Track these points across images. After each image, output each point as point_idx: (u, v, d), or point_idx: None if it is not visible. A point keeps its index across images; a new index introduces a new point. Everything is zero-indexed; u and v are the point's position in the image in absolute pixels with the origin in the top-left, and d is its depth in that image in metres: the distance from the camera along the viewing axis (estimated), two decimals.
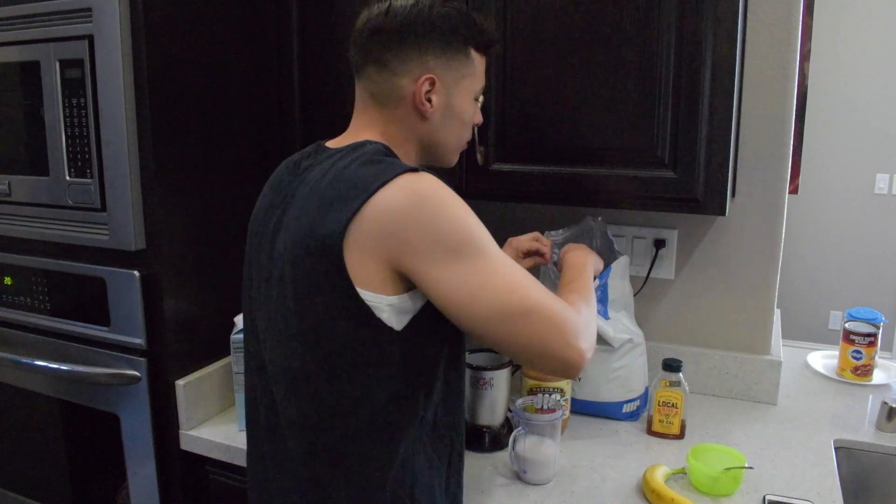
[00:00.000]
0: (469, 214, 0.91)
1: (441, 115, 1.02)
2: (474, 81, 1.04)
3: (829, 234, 4.54)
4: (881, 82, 4.26)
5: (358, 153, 0.94)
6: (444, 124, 1.03)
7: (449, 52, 0.99)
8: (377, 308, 0.88)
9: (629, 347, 1.44)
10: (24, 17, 1.35)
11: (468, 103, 1.05)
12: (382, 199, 0.86)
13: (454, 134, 1.06)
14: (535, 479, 1.22)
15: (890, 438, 1.39)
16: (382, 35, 0.98)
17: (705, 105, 1.21)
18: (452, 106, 1.02)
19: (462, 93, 1.03)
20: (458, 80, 1.01)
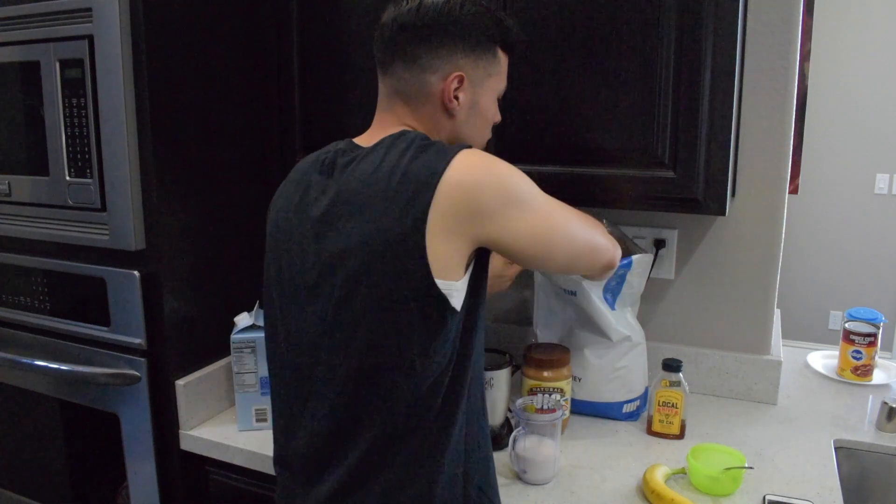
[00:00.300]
0: (522, 174, 0.96)
1: (467, 112, 1.03)
2: (499, 80, 1.06)
3: (829, 234, 4.54)
4: (881, 82, 4.26)
5: (405, 142, 0.93)
6: (468, 122, 1.04)
7: (478, 50, 1.00)
8: (449, 295, 0.89)
9: (629, 346, 1.44)
10: (24, 17, 1.35)
11: (492, 102, 1.06)
12: (452, 180, 0.88)
13: (478, 132, 1.07)
14: (535, 479, 1.22)
15: (890, 438, 1.39)
16: (412, 31, 0.98)
17: (705, 105, 1.21)
18: (478, 104, 1.03)
19: (487, 91, 1.04)
20: (484, 79, 1.03)
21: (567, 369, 1.38)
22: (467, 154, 0.91)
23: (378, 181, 0.90)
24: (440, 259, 0.87)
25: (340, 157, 0.98)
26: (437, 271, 0.87)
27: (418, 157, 0.90)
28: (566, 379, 1.38)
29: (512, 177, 0.93)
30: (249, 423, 1.42)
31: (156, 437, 1.42)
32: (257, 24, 1.52)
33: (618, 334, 1.42)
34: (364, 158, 0.94)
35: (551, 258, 1.01)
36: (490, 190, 0.90)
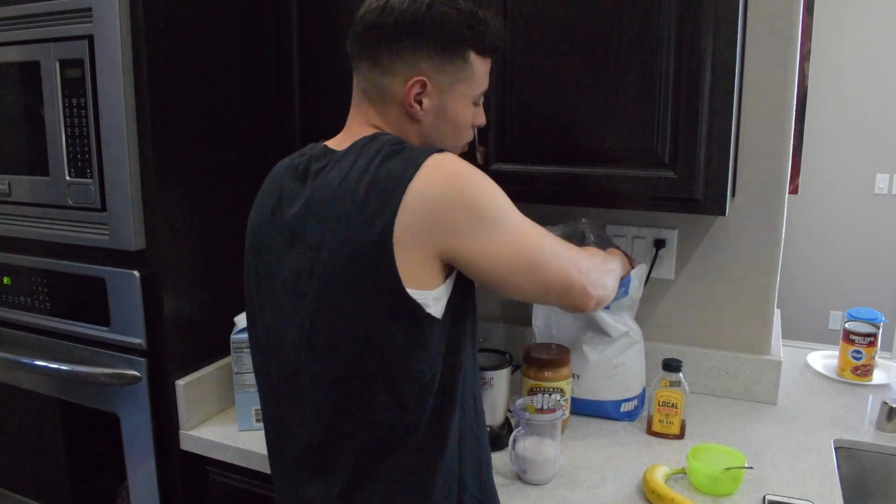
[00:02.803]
0: (494, 186, 0.92)
1: (433, 118, 0.99)
2: (472, 86, 1.00)
3: (829, 234, 4.54)
4: (881, 82, 4.26)
5: (375, 147, 0.91)
6: (436, 127, 1.00)
7: (445, 54, 0.95)
8: (425, 304, 0.87)
9: (627, 342, 1.44)
10: (24, 17, 1.35)
11: (463, 107, 1.01)
12: (419, 188, 0.85)
13: (448, 137, 1.03)
14: (535, 479, 1.22)
15: (890, 438, 1.39)
16: (377, 31, 0.94)
17: (705, 105, 1.21)
18: (445, 110, 0.99)
19: (457, 97, 0.99)
20: (452, 84, 0.98)
21: (567, 369, 1.38)
22: (437, 161, 0.88)
23: (347, 189, 0.88)
24: (410, 268, 0.86)
25: (314, 163, 0.96)
26: (409, 280, 0.86)
27: (386, 163, 0.88)
28: (566, 379, 1.38)
29: (483, 192, 0.89)
30: (249, 423, 1.42)
31: (156, 437, 1.42)
32: (257, 24, 1.52)
33: (616, 330, 1.42)
34: (335, 165, 0.92)
35: (516, 286, 0.96)
36: (454, 204, 0.86)
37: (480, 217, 0.88)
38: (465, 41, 0.96)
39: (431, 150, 0.90)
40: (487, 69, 1.02)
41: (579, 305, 1.04)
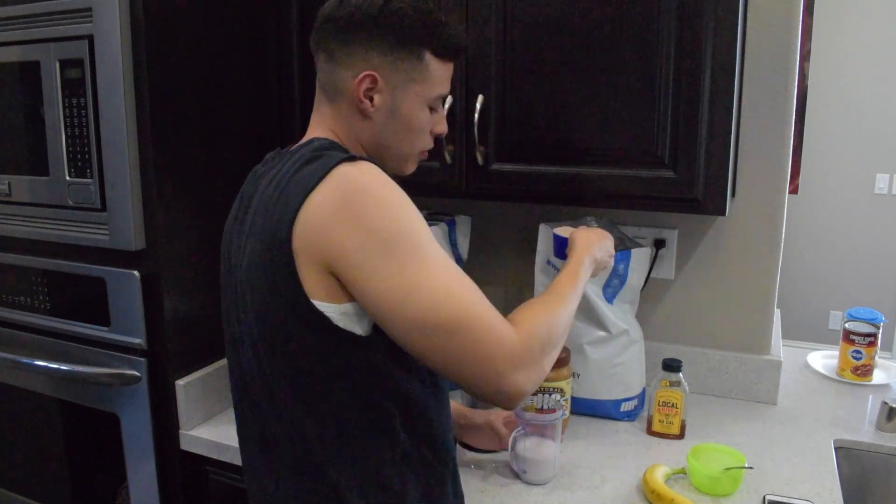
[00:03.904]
0: (406, 207, 0.85)
1: (385, 116, 0.96)
2: (427, 87, 0.96)
3: (829, 234, 4.54)
4: (881, 82, 4.26)
5: (301, 152, 0.90)
6: (388, 128, 0.97)
7: (397, 51, 0.93)
8: (333, 318, 0.84)
9: (627, 341, 1.44)
10: (24, 17, 1.35)
11: (418, 109, 0.97)
12: (317, 199, 0.82)
13: (402, 140, 0.98)
14: (535, 479, 1.22)
15: (890, 438, 1.39)
16: (333, 23, 0.94)
17: (705, 105, 1.21)
18: (398, 109, 0.95)
19: (410, 97, 0.95)
20: (405, 83, 0.94)
21: (567, 369, 1.38)
22: (344, 171, 0.83)
23: (266, 196, 0.88)
24: (313, 280, 0.83)
25: (262, 166, 0.99)
26: (313, 292, 0.83)
27: (300, 170, 0.86)
28: (566, 379, 1.38)
29: (385, 213, 0.82)
30: None
31: (156, 437, 1.42)
32: (257, 24, 1.52)
33: (616, 327, 1.42)
34: (269, 171, 0.93)
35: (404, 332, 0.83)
36: (346, 222, 0.81)
37: (371, 238, 0.81)
38: (420, 40, 0.93)
39: (348, 157, 0.85)
40: (448, 73, 0.99)
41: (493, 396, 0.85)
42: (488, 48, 1.32)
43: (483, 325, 0.83)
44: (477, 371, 0.83)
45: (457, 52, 0.98)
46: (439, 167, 1.40)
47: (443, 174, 1.40)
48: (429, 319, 0.81)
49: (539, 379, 0.88)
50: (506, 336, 0.84)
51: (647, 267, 1.48)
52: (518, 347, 0.84)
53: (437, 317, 0.81)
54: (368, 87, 0.93)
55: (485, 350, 0.82)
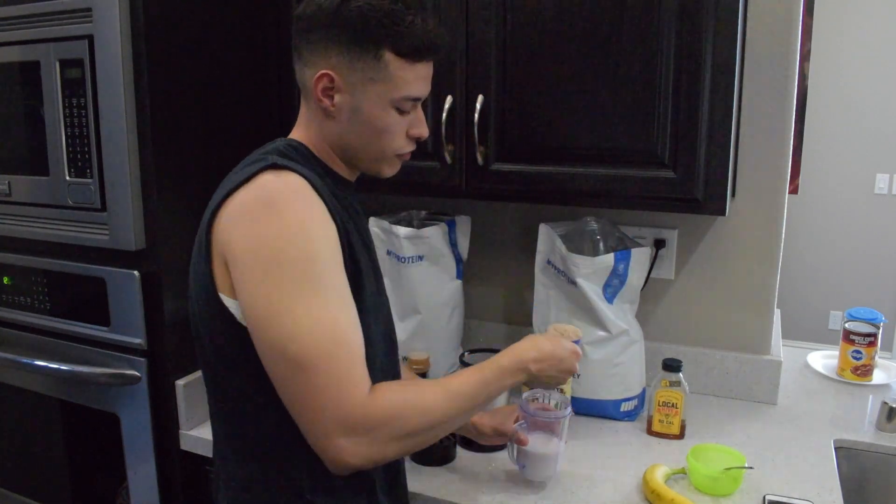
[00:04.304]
0: (311, 233, 0.83)
1: (348, 117, 0.95)
2: (390, 88, 0.93)
3: (829, 234, 4.54)
4: (881, 82, 4.26)
5: (255, 153, 0.94)
6: (352, 128, 0.95)
7: (355, 50, 0.91)
8: (234, 313, 0.87)
9: (627, 341, 1.44)
10: (24, 17, 1.35)
11: (380, 110, 0.94)
12: (235, 199, 0.85)
13: (368, 141, 0.96)
14: (534, 475, 1.21)
15: (890, 438, 1.39)
16: (299, 22, 0.95)
17: (705, 105, 1.21)
18: (360, 110, 0.94)
19: (371, 98, 0.93)
20: (364, 83, 0.92)
21: None
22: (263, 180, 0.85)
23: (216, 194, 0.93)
24: (220, 274, 0.87)
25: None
26: (221, 286, 0.87)
27: (241, 170, 0.90)
28: None
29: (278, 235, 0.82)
30: None
31: (156, 437, 1.42)
32: (257, 24, 1.52)
33: (616, 327, 1.42)
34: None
35: (260, 351, 0.84)
36: (243, 231, 0.83)
37: (260, 254, 0.82)
38: (377, 39, 0.90)
39: (278, 163, 0.86)
40: (417, 74, 0.95)
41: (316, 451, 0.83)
42: (488, 48, 1.32)
43: (330, 375, 0.80)
44: (309, 418, 0.82)
45: (421, 52, 0.93)
46: (439, 167, 1.40)
47: (443, 174, 1.40)
48: (281, 348, 0.81)
49: (375, 459, 0.83)
50: (350, 397, 0.81)
51: (647, 267, 1.48)
52: (358, 415, 0.81)
53: (288, 349, 0.80)
54: (327, 87, 0.93)
55: (321, 401, 0.80)
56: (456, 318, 1.62)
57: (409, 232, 1.52)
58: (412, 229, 1.53)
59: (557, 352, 1.05)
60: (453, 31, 1.34)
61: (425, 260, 1.54)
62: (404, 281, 1.55)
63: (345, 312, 0.84)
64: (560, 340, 1.08)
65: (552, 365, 1.04)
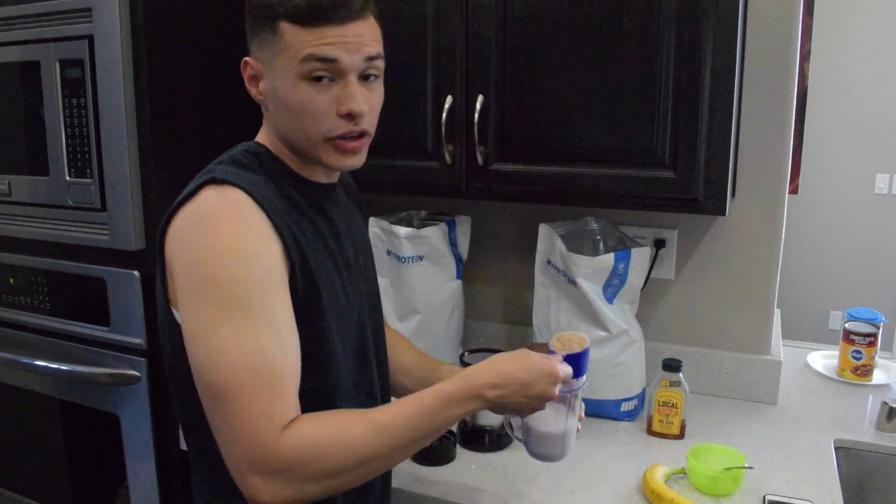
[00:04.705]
0: (240, 254, 0.79)
1: (273, 103, 0.90)
2: (291, 57, 0.86)
3: (829, 234, 4.54)
4: (881, 82, 4.26)
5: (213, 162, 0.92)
6: (280, 115, 0.90)
7: (260, 31, 0.88)
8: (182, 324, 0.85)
9: (627, 341, 1.44)
10: (24, 17, 1.35)
11: (291, 86, 0.87)
12: (180, 213, 0.83)
13: (293, 126, 0.89)
14: (540, 451, 1.05)
15: (890, 438, 1.39)
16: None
17: (705, 105, 1.21)
18: (277, 92, 0.88)
19: (281, 74, 0.87)
20: (272, 61, 0.88)
21: None
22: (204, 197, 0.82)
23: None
24: (171, 287, 0.86)
25: None
26: (172, 298, 0.86)
27: (194, 181, 0.87)
28: None
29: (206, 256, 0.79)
30: None
31: (156, 437, 1.42)
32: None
33: (616, 327, 1.42)
34: None
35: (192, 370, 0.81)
36: (181, 247, 0.82)
37: (189, 274, 0.80)
38: (273, 13, 0.86)
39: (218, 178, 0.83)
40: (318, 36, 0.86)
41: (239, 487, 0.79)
42: (488, 48, 1.32)
43: (244, 408, 0.76)
44: (224, 450, 0.79)
45: (313, 14, 0.85)
46: (439, 167, 1.40)
47: (443, 174, 1.40)
48: (203, 374, 0.79)
49: (292, 499, 0.78)
50: (262, 434, 0.76)
51: (647, 267, 1.48)
52: (268, 454, 0.76)
53: (208, 375, 0.78)
54: (251, 75, 0.92)
55: (233, 435, 0.77)
56: (456, 318, 1.62)
57: (409, 232, 1.52)
58: (412, 229, 1.53)
59: (520, 375, 0.90)
60: (453, 31, 1.34)
61: (425, 260, 1.54)
62: (404, 281, 1.55)
63: (275, 339, 0.79)
64: (530, 359, 0.92)
65: (516, 391, 0.89)
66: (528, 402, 0.92)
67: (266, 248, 0.81)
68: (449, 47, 1.34)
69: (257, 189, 0.84)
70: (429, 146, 1.40)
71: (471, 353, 1.41)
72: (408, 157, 1.42)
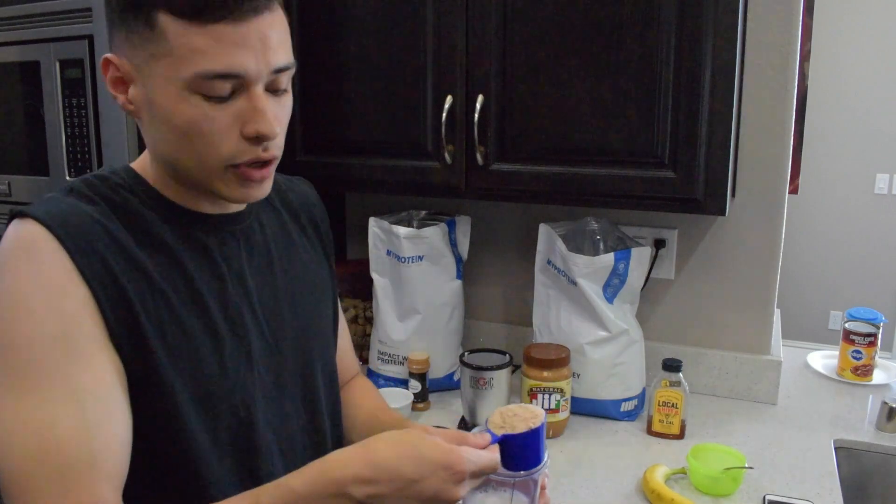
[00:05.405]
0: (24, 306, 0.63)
1: (148, 115, 0.71)
2: (176, 64, 0.66)
3: (829, 234, 4.54)
4: (881, 82, 4.26)
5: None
6: (157, 130, 0.71)
7: (128, 20, 0.68)
8: None
9: (627, 341, 1.44)
10: (24, 17, 1.36)
11: (173, 99, 0.67)
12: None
13: (177, 147, 0.70)
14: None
15: (890, 438, 1.39)
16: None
17: (705, 105, 1.21)
18: (155, 104, 0.69)
19: (158, 82, 0.67)
20: (147, 63, 0.67)
21: (567, 369, 1.38)
22: (5, 234, 0.67)
23: None
24: None
25: None
26: None
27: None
28: (566, 379, 1.38)
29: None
30: None
31: None
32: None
33: (616, 327, 1.42)
34: None
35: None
36: None
37: None
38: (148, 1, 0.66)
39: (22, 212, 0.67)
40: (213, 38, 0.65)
41: None
42: (488, 48, 1.32)
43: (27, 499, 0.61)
44: None
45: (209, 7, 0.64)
46: (439, 167, 1.40)
47: (443, 174, 1.40)
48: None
49: None
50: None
51: (647, 267, 1.48)
52: None
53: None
54: (114, 77, 0.71)
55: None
56: (456, 318, 1.62)
57: (409, 232, 1.52)
58: (412, 229, 1.53)
59: (404, 468, 0.65)
60: (453, 31, 1.34)
61: (425, 260, 1.54)
62: (404, 281, 1.55)
63: (74, 415, 0.62)
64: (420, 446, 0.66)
65: (397, 489, 0.64)
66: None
67: (63, 300, 0.64)
68: (449, 47, 1.34)
69: (69, 223, 0.66)
70: (429, 146, 1.40)
71: (471, 353, 1.41)
72: (408, 157, 1.42)
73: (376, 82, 1.42)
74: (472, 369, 1.35)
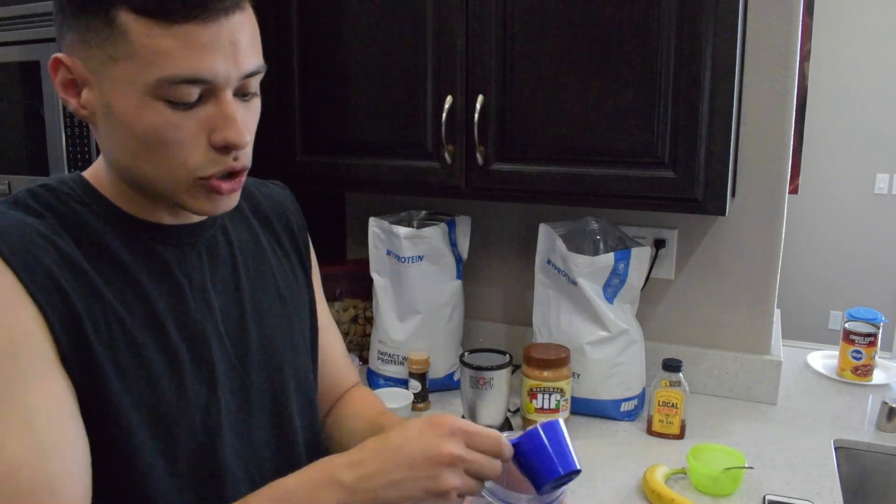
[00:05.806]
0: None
1: (104, 121, 0.66)
2: (138, 67, 0.61)
3: (829, 234, 4.54)
4: (881, 82, 4.26)
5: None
6: (115, 138, 0.66)
7: (85, 17, 0.62)
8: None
9: (627, 341, 1.44)
10: (24, 17, 1.36)
11: (133, 105, 0.63)
12: None
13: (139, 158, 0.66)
14: None
15: (890, 438, 1.39)
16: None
17: (705, 105, 1.21)
18: (113, 110, 0.64)
19: (119, 86, 0.63)
20: (105, 65, 0.63)
21: (567, 369, 1.38)
22: None
23: None
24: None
25: None
26: None
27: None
28: (566, 379, 1.38)
29: None
30: None
31: None
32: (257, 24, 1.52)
33: (616, 326, 1.42)
34: None
35: None
36: None
37: None
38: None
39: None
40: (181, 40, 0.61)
41: None
42: (488, 47, 1.32)
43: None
44: None
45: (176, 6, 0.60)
46: (439, 167, 1.40)
47: (443, 174, 1.40)
48: None
49: None
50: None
51: (647, 267, 1.48)
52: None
53: None
54: (66, 79, 0.66)
55: None
56: (456, 318, 1.62)
57: (409, 232, 1.52)
58: (412, 229, 1.53)
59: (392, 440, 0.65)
60: (453, 31, 1.34)
61: (425, 260, 1.54)
62: (404, 281, 1.55)
63: (24, 437, 0.59)
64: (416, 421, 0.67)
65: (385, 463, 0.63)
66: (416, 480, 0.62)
67: (9, 317, 0.60)
68: (449, 47, 1.34)
69: (12, 238, 0.62)
70: (429, 146, 1.40)
71: (471, 353, 1.41)
72: (408, 157, 1.42)
73: (376, 82, 1.42)
74: (472, 369, 1.35)
